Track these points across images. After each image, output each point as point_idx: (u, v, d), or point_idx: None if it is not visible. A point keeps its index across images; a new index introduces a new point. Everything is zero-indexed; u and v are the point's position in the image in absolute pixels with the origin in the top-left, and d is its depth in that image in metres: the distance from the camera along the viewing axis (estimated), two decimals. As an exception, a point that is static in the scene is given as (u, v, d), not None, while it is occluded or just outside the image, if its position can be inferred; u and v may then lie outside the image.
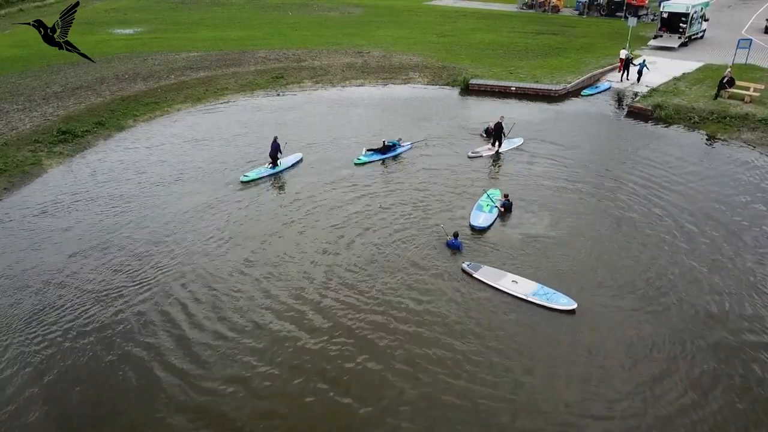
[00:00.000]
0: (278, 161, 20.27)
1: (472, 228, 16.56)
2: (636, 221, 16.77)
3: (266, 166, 20.26)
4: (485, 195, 17.70)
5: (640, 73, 29.62)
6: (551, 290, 13.43)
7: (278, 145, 20.08)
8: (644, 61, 30.32)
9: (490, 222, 16.81)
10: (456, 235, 15.41)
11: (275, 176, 20.05)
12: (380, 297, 13.52)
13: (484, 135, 22.85)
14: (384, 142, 21.32)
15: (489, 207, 17.37)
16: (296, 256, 15.21)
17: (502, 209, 17.24)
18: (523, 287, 13.58)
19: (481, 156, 21.47)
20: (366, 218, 17.06)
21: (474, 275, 14.14)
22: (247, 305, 13.33)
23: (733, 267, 14.63)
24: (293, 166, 20.79)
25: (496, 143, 21.71)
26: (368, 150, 21.24)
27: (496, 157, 21.57)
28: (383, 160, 21.10)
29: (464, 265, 14.52)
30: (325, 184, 19.18)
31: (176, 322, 12.79)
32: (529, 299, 13.26)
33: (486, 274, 14.12)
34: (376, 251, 15.36)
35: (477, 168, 20.65)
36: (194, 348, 12.04)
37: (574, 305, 13.00)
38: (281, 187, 19.43)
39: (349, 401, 10.74)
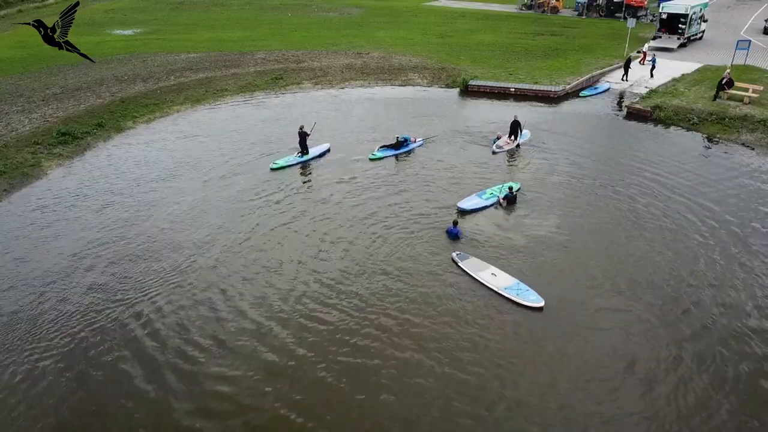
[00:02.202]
0: (307, 149, 20.83)
1: (459, 210, 16.97)
2: (637, 222, 16.74)
3: (295, 154, 20.84)
4: (500, 186, 18.06)
5: (653, 68, 30.33)
6: (525, 286, 13.56)
7: (305, 134, 20.64)
8: (654, 56, 31.23)
9: (479, 207, 17.20)
10: (455, 224, 15.78)
11: (302, 165, 20.68)
12: (376, 286, 13.57)
13: (497, 142, 22.88)
14: (397, 138, 21.76)
15: (490, 195, 17.61)
16: (312, 253, 15.25)
17: (504, 200, 17.40)
18: (500, 281, 13.77)
19: (504, 150, 21.95)
20: (382, 211, 17.38)
21: (459, 264, 14.45)
22: (254, 304, 13.35)
23: (744, 269, 14.48)
24: (321, 155, 21.42)
25: (513, 137, 22.26)
26: (382, 146, 21.65)
27: (515, 151, 22.01)
28: (396, 156, 21.43)
29: (454, 255, 14.85)
30: (344, 179, 19.56)
31: (177, 325, 12.77)
32: (501, 293, 13.43)
33: (470, 264, 14.41)
34: (381, 242, 15.63)
35: (483, 164, 20.83)
36: (186, 359, 12.06)
37: (541, 303, 13.08)
38: (307, 179, 19.87)
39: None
